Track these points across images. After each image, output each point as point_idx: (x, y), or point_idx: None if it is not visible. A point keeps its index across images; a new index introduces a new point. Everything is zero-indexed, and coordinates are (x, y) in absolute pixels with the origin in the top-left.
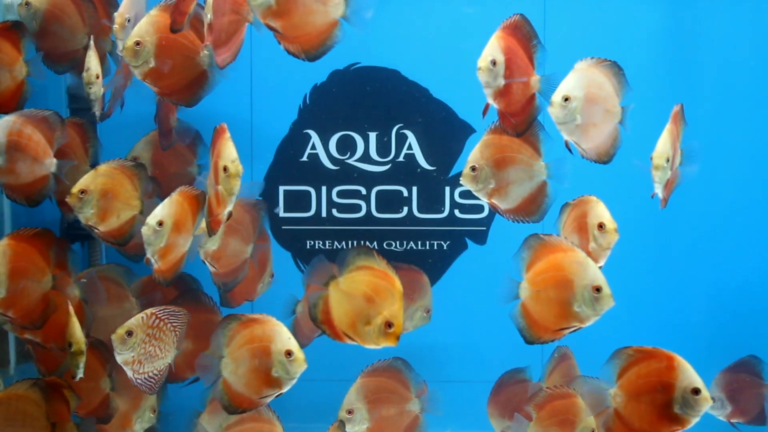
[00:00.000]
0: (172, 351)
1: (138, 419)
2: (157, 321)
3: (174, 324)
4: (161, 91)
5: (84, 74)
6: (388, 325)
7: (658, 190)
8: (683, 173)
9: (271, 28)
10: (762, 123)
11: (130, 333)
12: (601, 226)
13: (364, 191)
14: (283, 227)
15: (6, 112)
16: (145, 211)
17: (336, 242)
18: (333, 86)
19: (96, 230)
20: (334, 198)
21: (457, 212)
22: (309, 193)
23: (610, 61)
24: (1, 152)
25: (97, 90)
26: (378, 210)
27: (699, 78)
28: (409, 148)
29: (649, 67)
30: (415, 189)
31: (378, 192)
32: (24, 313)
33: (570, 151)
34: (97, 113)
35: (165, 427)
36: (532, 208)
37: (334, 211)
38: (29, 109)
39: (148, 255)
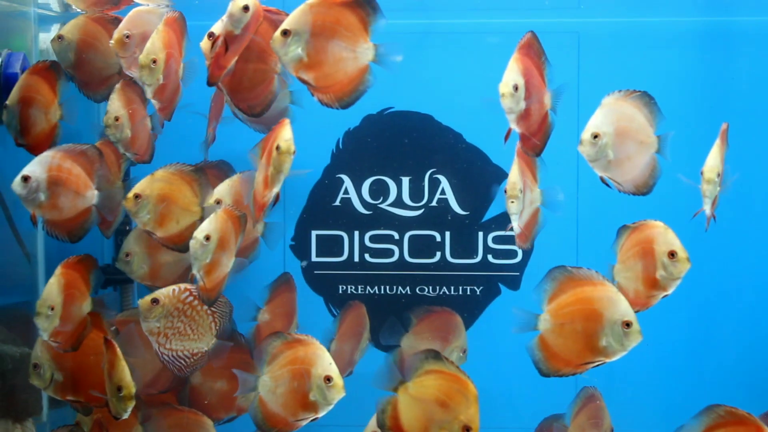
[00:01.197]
0: (208, 336)
1: None
2: (191, 298)
3: (212, 310)
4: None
5: (104, 117)
6: (466, 429)
7: (707, 207)
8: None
9: (303, 82)
10: None
11: (156, 301)
12: (672, 254)
13: (396, 236)
14: (315, 272)
15: (37, 154)
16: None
17: (368, 287)
18: (366, 131)
19: (154, 235)
20: (367, 243)
21: (490, 257)
22: (342, 237)
23: (639, 91)
24: (42, 189)
25: (117, 132)
26: (411, 255)
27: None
28: (442, 192)
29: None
30: (448, 234)
31: (411, 237)
32: (65, 338)
33: (607, 185)
34: (127, 153)
35: None
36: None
37: (367, 256)
38: (67, 144)
39: (194, 271)
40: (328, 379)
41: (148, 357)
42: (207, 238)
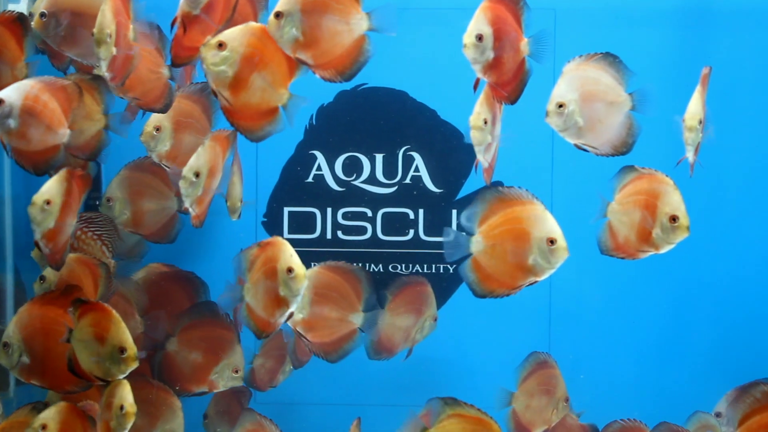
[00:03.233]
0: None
1: None
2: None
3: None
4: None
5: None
6: None
7: (689, 154)
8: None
9: (302, 62)
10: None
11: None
12: (674, 219)
13: (370, 213)
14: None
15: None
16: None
17: None
18: (339, 107)
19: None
20: (340, 220)
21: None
22: (314, 214)
23: (599, 54)
24: (14, 116)
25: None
26: (384, 232)
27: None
28: (416, 170)
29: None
30: (421, 211)
31: (384, 214)
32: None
33: (585, 150)
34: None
35: None
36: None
37: (340, 233)
38: (49, 75)
39: (186, 205)
40: (290, 270)
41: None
42: (197, 175)
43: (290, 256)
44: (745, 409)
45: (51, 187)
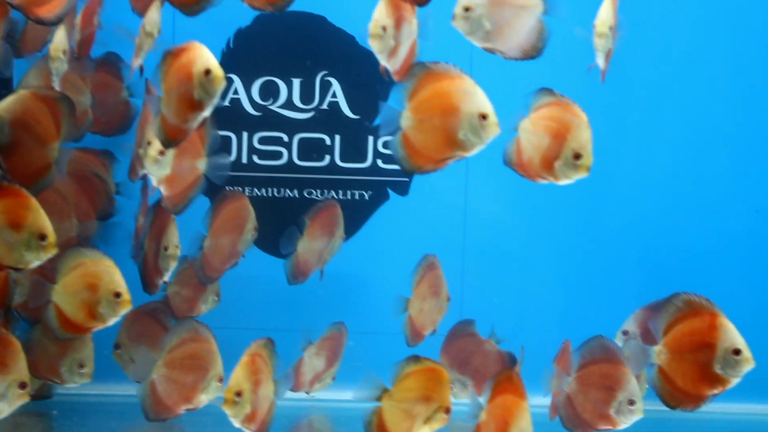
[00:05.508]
0: None
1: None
2: None
3: None
4: None
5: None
6: (446, 411)
7: (600, 60)
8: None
9: None
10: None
11: None
12: (578, 156)
13: (286, 138)
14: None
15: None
16: None
17: (256, 189)
18: (257, 30)
19: None
20: (256, 144)
21: (379, 162)
22: (230, 138)
23: None
24: None
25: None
26: (300, 158)
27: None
28: (334, 95)
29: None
30: (338, 138)
31: (300, 140)
32: None
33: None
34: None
35: None
36: None
37: (255, 158)
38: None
39: (154, 184)
40: (207, 72)
41: None
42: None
43: (208, 59)
44: (669, 318)
45: None
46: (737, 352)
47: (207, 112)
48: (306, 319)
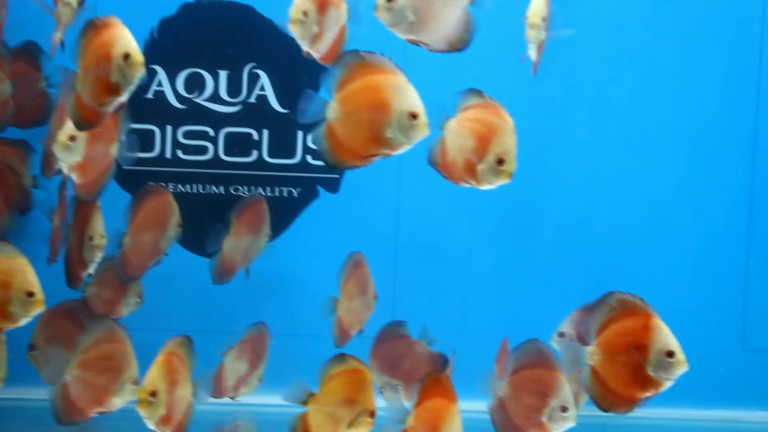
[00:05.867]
0: None
1: None
2: None
3: None
4: None
5: None
6: (371, 414)
7: (532, 53)
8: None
9: None
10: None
11: None
12: (501, 162)
13: (212, 133)
14: (124, 167)
15: None
16: None
17: (180, 185)
18: (183, 20)
19: None
20: (180, 138)
21: (309, 158)
22: (153, 132)
23: None
24: None
25: None
26: (226, 153)
27: None
28: (262, 89)
29: None
30: (266, 132)
31: (227, 134)
32: None
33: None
34: None
35: None
36: None
37: (180, 153)
38: None
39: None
40: (126, 56)
41: None
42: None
43: (128, 42)
44: (602, 318)
45: None
46: (670, 354)
47: (124, 98)
48: (232, 320)
